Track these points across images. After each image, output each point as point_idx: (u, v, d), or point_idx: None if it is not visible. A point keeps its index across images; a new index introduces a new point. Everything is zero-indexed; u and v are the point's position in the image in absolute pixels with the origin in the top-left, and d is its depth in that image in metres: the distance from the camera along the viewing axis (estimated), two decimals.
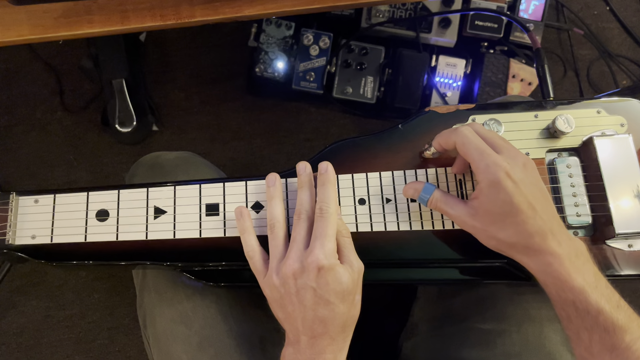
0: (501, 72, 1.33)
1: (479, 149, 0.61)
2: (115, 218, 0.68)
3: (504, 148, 0.62)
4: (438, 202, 0.65)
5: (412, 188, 0.67)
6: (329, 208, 0.62)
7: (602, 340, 0.56)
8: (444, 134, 0.65)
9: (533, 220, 0.59)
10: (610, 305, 0.56)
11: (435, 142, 0.67)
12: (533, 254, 0.60)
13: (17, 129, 1.42)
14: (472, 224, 0.63)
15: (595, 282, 0.58)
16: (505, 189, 0.59)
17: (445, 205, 0.65)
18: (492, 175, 0.59)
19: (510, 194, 0.58)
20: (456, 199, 0.65)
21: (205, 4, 0.77)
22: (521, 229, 0.59)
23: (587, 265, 0.59)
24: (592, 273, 0.59)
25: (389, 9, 1.32)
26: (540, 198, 0.60)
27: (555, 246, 0.59)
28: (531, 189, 0.60)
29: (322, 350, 0.60)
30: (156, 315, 0.75)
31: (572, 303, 0.57)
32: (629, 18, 1.52)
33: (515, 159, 0.60)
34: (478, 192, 0.62)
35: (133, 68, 1.39)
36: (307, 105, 1.44)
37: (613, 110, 0.72)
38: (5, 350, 1.32)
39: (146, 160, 0.84)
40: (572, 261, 0.58)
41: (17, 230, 0.68)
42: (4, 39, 0.76)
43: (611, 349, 0.56)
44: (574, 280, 0.57)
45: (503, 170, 0.59)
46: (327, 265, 0.58)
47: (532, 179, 0.61)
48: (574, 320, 0.58)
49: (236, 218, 0.66)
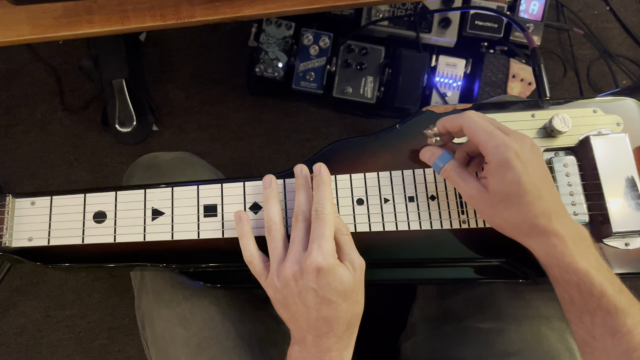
0: (501, 72, 1.33)
1: (487, 130, 0.61)
2: (113, 220, 0.68)
3: (511, 130, 0.63)
4: (452, 171, 0.65)
5: (429, 151, 0.67)
6: (325, 209, 0.62)
7: (604, 323, 0.56)
8: (451, 117, 0.65)
9: (539, 201, 0.59)
10: (614, 288, 0.57)
11: (440, 125, 0.66)
12: (537, 235, 0.60)
13: (17, 129, 1.42)
14: (480, 200, 0.63)
15: (598, 265, 0.58)
16: (514, 168, 0.59)
17: (458, 176, 0.65)
18: (501, 155, 0.59)
19: (519, 174, 0.59)
20: (469, 174, 0.65)
21: (205, 4, 0.77)
22: (527, 209, 0.59)
23: (590, 250, 0.59)
24: (595, 257, 0.59)
25: (389, 9, 1.32)
26: (546, 181, 0.61)
27: (559, 228, 0.59)
28: (538, 171, 0.60)
29: (328, 348, 0.60)
30: (154, 316, 0.75)
31: (576, 285, 0.58)
32: (629, 18, 1.52)
33: (523, 140, 0.61)
34: (486, 172, 0.62)
35: (133, 68, 1.39)
36: (307, 105, 1.44)
37: (609, 109, 0.72)
38: (5, 350, 1.32)
39: (143, 161, 0.84)
40: (575, 244, 0.58)
41: (14, 233, 0.68)
42: (4, 39, 0.76)
43: (613, 332, 0.56)
44: (578, 263, 0.57)
45: (512, 150, 0.59)
46: (326, 267, 0.58)
47: (539, 161, 0.61)
48: (576, 302, 0.58)
49: (235, 222, 0.66)
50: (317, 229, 0.60)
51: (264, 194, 0.66)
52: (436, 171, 0.67)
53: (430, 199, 0.69)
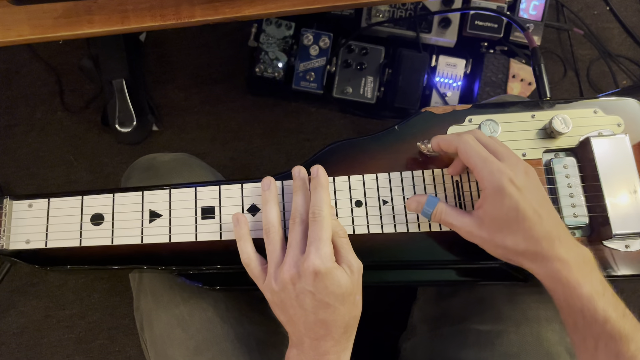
0: (501, 72, 1.33)
1: (481, 156, 0.61)
2: (111, 222, 0.68)
3: (506, 155, 0.62)
4: (442, 214, 0.65)
5: (415, 201, 0.67)
6: (322, 211, 0.61)
7: (607, 348, 0.56)
8: (446, 138, 0.65)
9: (540, 225, 0.59)
10: (617, 313, 0.56)
11: (435, 143, 0.67)
12: (541, 261, 0.60)
13: (17, 129, 1.42)
14: (478, 234, 0.63)
15: (602, 290, 0.58)
16: (510, 194, 0.59)
17: (450, 217, 0.65)
18: (496, 182, 0.60)
19: (516, 200, 0.59)
20: (460, 211, 0.65)
21: (205, 4, 0.77)
22: (528, 235, 0.59)
23: (594, 273, 0.59)
24: (599, 281, 0.58)
25: (389, 9, 1.32)
26: (544, 204, 0.61)
27: (563, 252, 0.58)
28: (535, 195, 0.60)
29: (325, 351, 0.60)
30: (153, 318, 0.75)
31: (580, 310, 0.57)
32: (629, 18, 1.52)
33: (517, 166, 0.61)
34: (482, 201, 0.62)
35: (133, 68, 1.39)
36: (307, 105, 1.44)
37: (610, 110, 0.71)
38: (5, 350, 1.32)
39: (141, 163, 0.84)
40: (580, 268, 0.58)
41: (11, 235, 0.68)
42: (4, 39, 0.76)
43: (616, 357, 0.56)
44: (582, 288, 0.57)
45: (507, 177, 0.59)
46: (324, 270, 0.58)
47: (534, 185, 0.61)
48: (580, 327, 0.58)
49: (233, 224, 0.66)
50: (314, 231, 0.60)
51: (263, 196, 0.66)
52: (427, 218, 0.67)
53: None
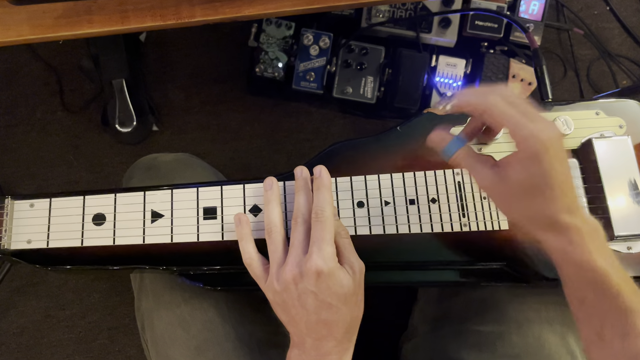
0: (501, 72, 1.32)
1: (514, 119, 0.57)
2: (112, 222, 0.68)
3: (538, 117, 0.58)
4: (464, 158, 0.62)
5: (439, 135, 0.64)
6: (325, 212, 0.61)
7: (615, 324, 0.55)
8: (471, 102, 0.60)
9: (563, 197, 0.57)
10: (629, 288, 0.55)
11: (464, 100, 0.61)
12: (557, 230, 0.57)
13: (17, 129, 1.41)
14: (497, 189, 0.60)
15: (614, 263, 0.56)
16: (543, 162, 0.56)
17: (470, 163, 0.61)
18: (530, 149, 0.56)
19: (547, 169, 0.56)
20: (483, 161, 0.61)
21: (205, 4, 0.77)
22: (550, 203, 0.57)
23: (605, 246, 0.57)
24: (610, 254, 0.57)
25: (389, 9, 1.31)
26: (569, 176, 0.58)
27: (579, 223, 0.56)
28: (564, 166, 0.57)
29: (327, 352, 0.60)
30: (154, 318, 0.75)
31: (591, 283, 0.56)
32: (629, 18, 1.52)
33: (552, 131, 0.57)
34: (513, 159, 0.58)
35: (133, 68, 1.38)
36: (307, 105, 1.44)
37: (612, 111, 0.71)
38: (5, 350, 1.32)
39: (143, 163, 0.84)
40: (593, 240, 0.56)
41: (13, 235, 0.68)
42: (4, 39, 0.76)
43: (623, 335, 0.54)
44: (596, 260, 0.55)
45: (543, 144, 0.55)
46: (327, 270, 0.58)
47: (564, 156, 0.58)
48: (588, 303, 0.56)
49: (235, 225, 0.66)
50: (317, 232, 0.60)
51: (265, 197, 0.65)
52: (445, 157, 0.63)
53: (431, 201, 0.69)
